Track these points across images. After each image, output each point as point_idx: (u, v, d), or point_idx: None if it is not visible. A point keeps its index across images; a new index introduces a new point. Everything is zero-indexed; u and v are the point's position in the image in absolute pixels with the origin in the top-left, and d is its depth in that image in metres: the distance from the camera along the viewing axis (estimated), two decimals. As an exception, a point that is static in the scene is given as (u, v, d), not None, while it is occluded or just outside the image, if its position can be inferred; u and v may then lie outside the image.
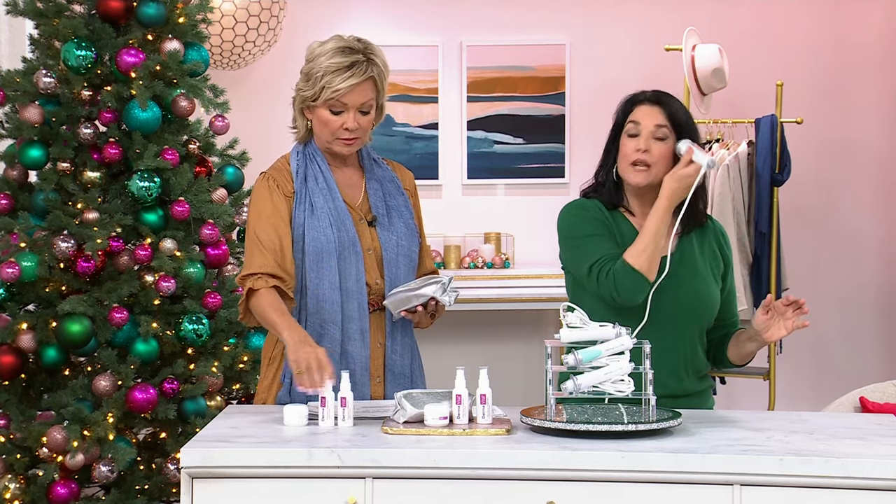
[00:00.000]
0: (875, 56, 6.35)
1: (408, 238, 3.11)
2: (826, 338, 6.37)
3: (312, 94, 2.99)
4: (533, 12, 6.30)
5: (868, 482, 2.36)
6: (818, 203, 6.34)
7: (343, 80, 2.95)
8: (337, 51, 2.97)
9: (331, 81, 2.95)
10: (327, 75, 2.95)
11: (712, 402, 3.08)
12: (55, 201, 4.06)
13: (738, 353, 3.00)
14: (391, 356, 3.09)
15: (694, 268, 2.96)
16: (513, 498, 2.44)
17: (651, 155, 2.92)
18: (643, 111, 2.96)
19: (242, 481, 2.48)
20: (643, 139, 2.93)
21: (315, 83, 2.97)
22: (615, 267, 2.85)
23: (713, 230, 3.06)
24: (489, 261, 6.14)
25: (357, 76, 2.96)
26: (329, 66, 2.95)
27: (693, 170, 2.87)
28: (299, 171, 3.06)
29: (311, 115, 3.04)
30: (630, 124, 2.96)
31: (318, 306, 3.01)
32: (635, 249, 2.86)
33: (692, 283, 2.94)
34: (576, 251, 2.96)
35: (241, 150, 4.55)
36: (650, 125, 2.93)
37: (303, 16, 6.10)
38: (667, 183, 2.88)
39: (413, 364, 3.15)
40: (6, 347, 3.99)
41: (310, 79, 2.99)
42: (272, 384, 3.06)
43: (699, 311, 2.96)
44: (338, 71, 2.95)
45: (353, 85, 2.95)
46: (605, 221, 2.98)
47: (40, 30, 4.20)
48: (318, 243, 3.00)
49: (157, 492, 4.07)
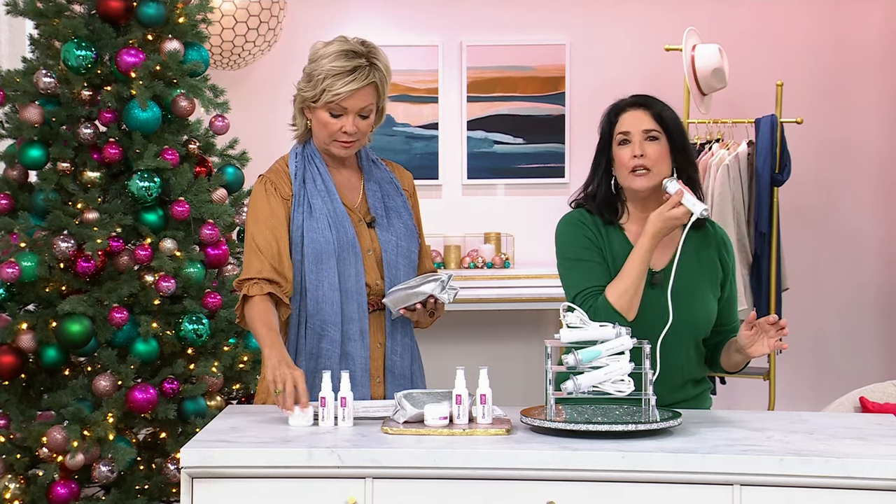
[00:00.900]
0: (875, 56, 6.35)
1: (407, 239, 3.12)
2: (826, 338, 6.37)
3: (313, 96, 2.98)
4: (533, 12, 6.30)
5: (868, 482, 2.36)
6: (818, 203, 6.34)
7: (344, 85, 2.94)
8: (340, 54, 2.96)
9: (332, 85, 2.94)
10: (329, 78, 2.94)
11: (710, 403, 3.08)
12: (55, 201, 4.06)
13: (727, 361, 2.99)
14: (391, 356, 3.09)
15: (691, 284, 2.93)
16: (513, 498, 2.44)
17: (648, 158, 2.90)
18: (629, 117, 2.94)
19: (242, 481, 2.48)
20: (636, 145, 2.91)
21: (316, 85, 2.97)
22: (597, 303, 2.85)
23: (715, 238, 3.02)
24: (489, 261, 6.14)
25: (359, 81, 2.95)
26: (331, 70, 2.94)
27: (681, 213, 2.85)
28: (297, 173, 3.06)
29: (311, 115, 3.04)
30: (619, 135, 2.94)
31: (317, 307, 3.01)
32: (617, 289, 2.85)
33: (688, 301, 2.91)
34: (566, 273, 2.97)
35: (241, 150, 4.56)
36: (639, 130, 2.92)
37: (303, 16, 6.10)
38: (651, 222, 2.86)
39: (413, 365, 3.15)
40: (6, 347, 3.99)
41: (311, 80, 2.99)
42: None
43: (695, 327, 2.95)
44: (340, 75, 2.94)
45: (353, 90, 2.95)
46: (598, 241, 2.96)
47: (40, 30, 4.20)
48: (317, 245, 3.00)
49: (157, 492, 4.07)
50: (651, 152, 2.91)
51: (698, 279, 2.95)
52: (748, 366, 3.08)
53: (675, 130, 2.94)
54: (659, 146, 2.92)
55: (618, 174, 2.96)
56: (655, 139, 2.92)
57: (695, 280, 2.94)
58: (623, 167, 2.93)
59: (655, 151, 2.91)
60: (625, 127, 2.93)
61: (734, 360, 2.96)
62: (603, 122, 2.99)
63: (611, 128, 2.97)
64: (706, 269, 2.98)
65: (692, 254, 2.96)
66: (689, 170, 2.95)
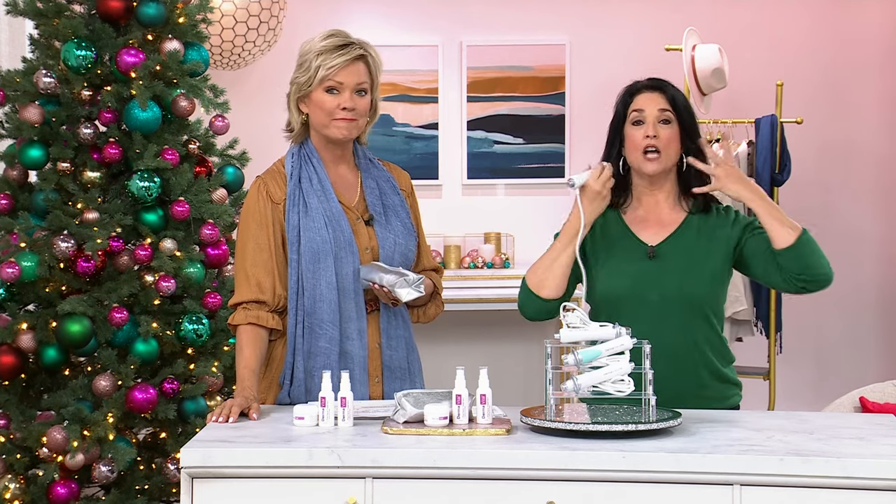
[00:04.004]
0: (875, 56, 6.35)
1: (405, 237, 3.12)
2: (826, 338, 6.37)
3: (307, 79, 3.01)
4: (533, 12, 6.30)
5: (868, 482, 2.36)
6: (818, 203, 6.34)
7: (338, 57, 2.99)
8: (328, 36, 3.04)
9: (325, 60, 2.99)
10: (321, 55, 3.00)
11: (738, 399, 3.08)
12: (55, 201, 4.06)
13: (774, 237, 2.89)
14: (386, 352, 3.10)
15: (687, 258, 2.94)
16: (513, 498, 2.44)
17: (660, 140, 2.94)
18: (645, 98, 2.99)
19: (242, 481, 2.48)
20: (650, 125, 2.95)
21: (309, 66, 3.01)
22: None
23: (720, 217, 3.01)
24: (489, 261, 6.14)
25: (350, 54, 3.01)
26: (322, 48, 3.01)
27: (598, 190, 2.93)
28: (293, 173, 3.07)
29: (307, 104, 3.06)
30: (633, 113, 2.98)
31: (314, 306, 3.01)
32: (534, 265, 2.99)
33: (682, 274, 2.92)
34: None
35: (241, 150, 4.56)
36: (654, 110, 2.96)
37: (303, 16, 6.10)
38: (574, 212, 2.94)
39: (410, 357, 3.15)
40: (6, 347, 3.99)
41: (303, 66, 3.03)
42: (271, 385, 3.07)
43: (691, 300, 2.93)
44: (331, 50, 3.00)
45: (346, 60, 2.99)
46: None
47: (40, 30, 4.20)
48: (313, 244, 3.01)
49: (157, 492, 4.07)
50: (663, 135, 2.95)
51: (699, 252, 2.96)
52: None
53: (687, 116, 2.98)
54: (671, 130, 2.96)
55: (629, 156, 2.99)
56: (668, 122, 2.96)
57: (696, 252, 2.95)
58: (635, 148, 2.97)
59: (667, 134, 2.95)
60: (639, 105, 2.98)
61: (774, 230, 2.88)
62: (618, 102, 3.04)
63: (625, 108, 3.01)
64: (708, 242, 2.97)
65: (694, 231, 2.99)
66: (696, 154, 2.97)
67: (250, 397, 2.85)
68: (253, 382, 2.91)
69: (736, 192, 2.88)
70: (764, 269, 2.94)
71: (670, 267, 2.92)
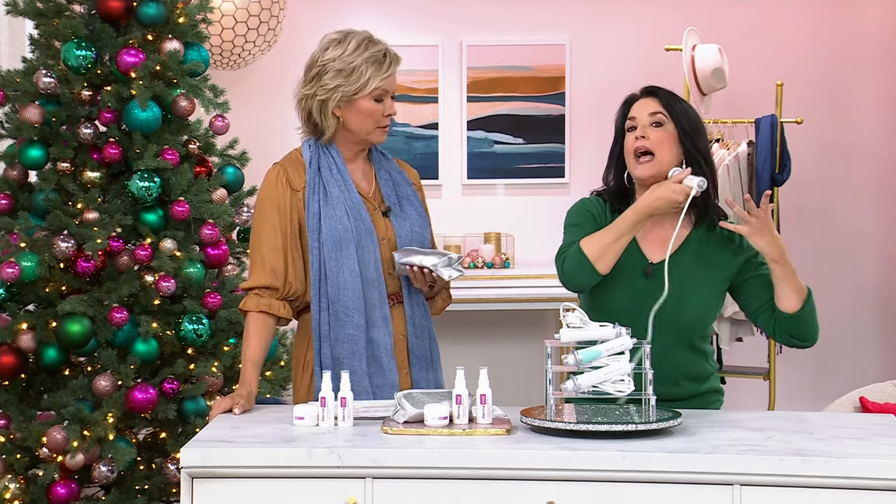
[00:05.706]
0: (875, 56, 6.35)
1: (420, 224, 3.17)
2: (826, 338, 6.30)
3: (355, 89, 3.03)
4: (533, 12, 6.30)
5: (868, 482, 2.36)
6: (818, 203, 6.34)
7: (388, 68, 3.07)
8: (364, 43, 3.07)
9: (377, 71, 3.04)
10: (371, 66, 3.04)
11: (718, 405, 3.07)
12: (55, 201, 4.06)
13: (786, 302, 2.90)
14: (413, 341, 3.13)
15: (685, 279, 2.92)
16: (513, 498, 2.44)
17: (650, 141, 2.93)
18: (638, 106, 3.00)
19: (242, 481, 2.48)
20: (640, 129, 2.96)
21: (360, 77, 3.03)
22: (570, 250, 2.91)
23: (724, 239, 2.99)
24: (489, 261, 6.14)
25: (395, 62, 3.09)
26: (369, 58, 3.04)
27: (678, 190, 2.86)
28: (312, 161, 3.09)
29: (346, 111, 3.06)
30: (628, 122, 3.00)
31: (339, 294, 3.04)
32: (592, 237, 2.89)
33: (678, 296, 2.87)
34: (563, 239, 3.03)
35: (241, 150, 4.56)
36: (644, 115, 2.97)
37: (303, 16, 6.10)
38: (652, 190, 2.89)
39: (432, 346, 3.19)
40: (6, 347, 3.99)
41: (351, 74, 3.03)
42: (308, 392, 3.10)
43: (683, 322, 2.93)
44: (379, 61, 3.05)
45: (394, 71, 3.08)
46: (597, 218, 3.01)
47: (40, 30, 4.20)
48: (335, 232, 3.03)
49: (157, 492, 4.07)
50: (653, 136, 2.94)
51: (695, 276, 2.94)
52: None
53: (684, 119, 2.96)
54: (664, 132, 2.95)
55: (627, 162, 3.00)
56: (661, 125, 2.95)
57: (691, 276, 2.94)
58: (629, 153, 2.98)
59: (659, 137, 2.94)
60: (633, 113, 2.99)
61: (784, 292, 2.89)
62: (617, 114, 3.05)
63: (623, 119, 3.02)
64: (706, 267, 2.96)
65: (693, 250, 2.97)
66: (699, 159, 2.95)
67: (243, 392, 2.90)
68: (253, 375, 2.97)
69: (762, 247, 2.86)
70: (757, 314, 2.98)
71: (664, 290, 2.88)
